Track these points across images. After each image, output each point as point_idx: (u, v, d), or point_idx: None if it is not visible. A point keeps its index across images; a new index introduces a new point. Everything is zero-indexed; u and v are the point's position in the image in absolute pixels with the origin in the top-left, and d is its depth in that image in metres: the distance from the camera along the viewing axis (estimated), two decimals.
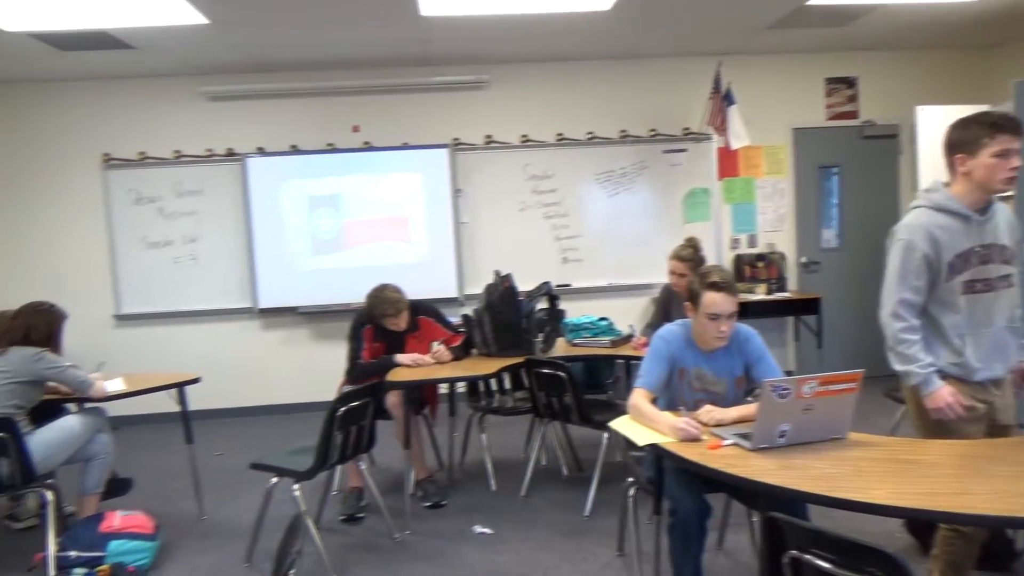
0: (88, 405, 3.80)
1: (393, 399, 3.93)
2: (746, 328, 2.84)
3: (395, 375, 3.87)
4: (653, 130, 6.42)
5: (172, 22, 4.66)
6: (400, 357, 4.03)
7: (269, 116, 6.23)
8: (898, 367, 2.53)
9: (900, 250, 2.50)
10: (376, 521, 3.86)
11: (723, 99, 5.80)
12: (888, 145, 6.61)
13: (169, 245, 6.22)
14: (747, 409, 2.62)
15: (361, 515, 3.94)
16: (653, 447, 2.46)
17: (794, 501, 2.21)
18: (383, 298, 3.98)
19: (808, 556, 1.71)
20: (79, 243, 6.19)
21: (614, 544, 3.42)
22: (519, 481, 4.24)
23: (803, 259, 6.65)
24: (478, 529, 3.72)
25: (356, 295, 5.95)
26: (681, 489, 2.53)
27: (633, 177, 6.46)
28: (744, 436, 2.36)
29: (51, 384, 3.59)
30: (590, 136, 6.39)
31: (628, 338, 4.37)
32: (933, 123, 5.68)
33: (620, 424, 2.69)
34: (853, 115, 6.60)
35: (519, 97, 6.37)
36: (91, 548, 3.31)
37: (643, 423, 2.62)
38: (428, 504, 4.04)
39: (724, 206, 6.54)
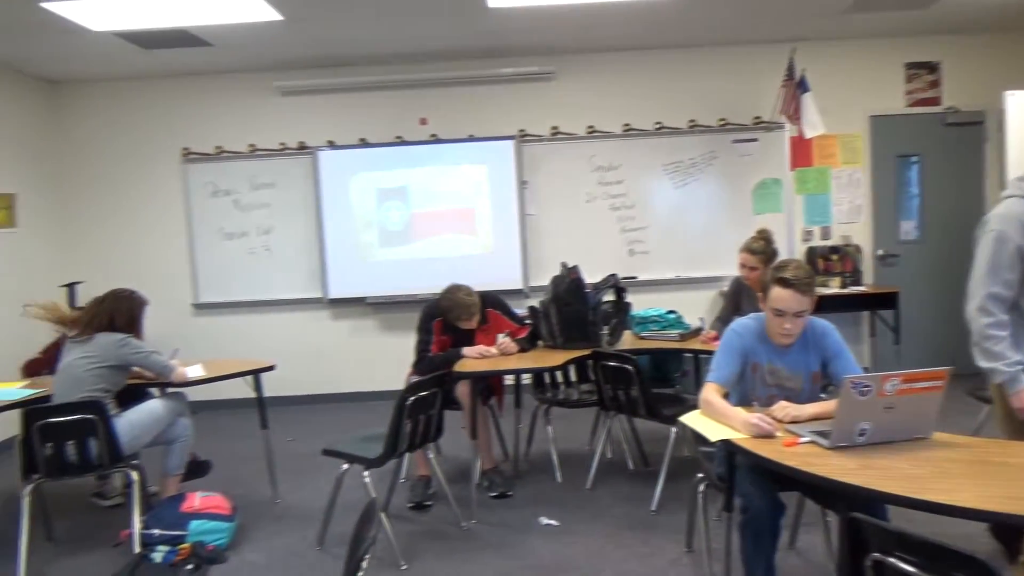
0: (170, 390, 3.96)
1: (462, 389, 3.97)
2: (822, 322, 2.76)
3: (463, 366, 3.90)
4: (723, 119, 6.28)
5: (248, 19, 4.79)
6: (467, 350, 4.06)
7: (339, 110, 6.35)
8: (983, 364, 2.42)
9: (991, 241, 2.39)
10: (443, 509, 3.91)
11: (797, 87, 5.62)
12: (973, 133, 6.30)
13: (244, 236, 6.42)
14: (824, 406, 2.55)
15: (428, 503, 3.99)
16: (725, 443, 2.42)
17: (874, 502, 2.14)
18: (457, 301, 4.01)
19: (892, 559, 1.65)
20: (161, 234, 6.45)
21: (682, 540, 3.38)
22: (584, 474, 4.23)
23: (880, 252, 6.42)
24: (544, 520, 3.72)
25: (423, 286, 6.09)
26: (754, 486, 2.48)
27: (702, 168, 6.34)
28: (821, 434, 2.29)
29: (135, 369, 3.75)
30: (658, 126, 6.30)
31: (697, 331, 4.30)
32: (1022, 109, 5.41)
33: (691, 419, 2.65)
34: (935, 101, 6.32)
35: (586, 88, 6.33)
36: (173, 527, 3.45)
37: (715, 418, 2.58)
38: (494, 494, 4.06)
39: (796, 197, 6.35)
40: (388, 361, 6.19)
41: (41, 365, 3.82)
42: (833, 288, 6.02)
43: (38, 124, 6.19)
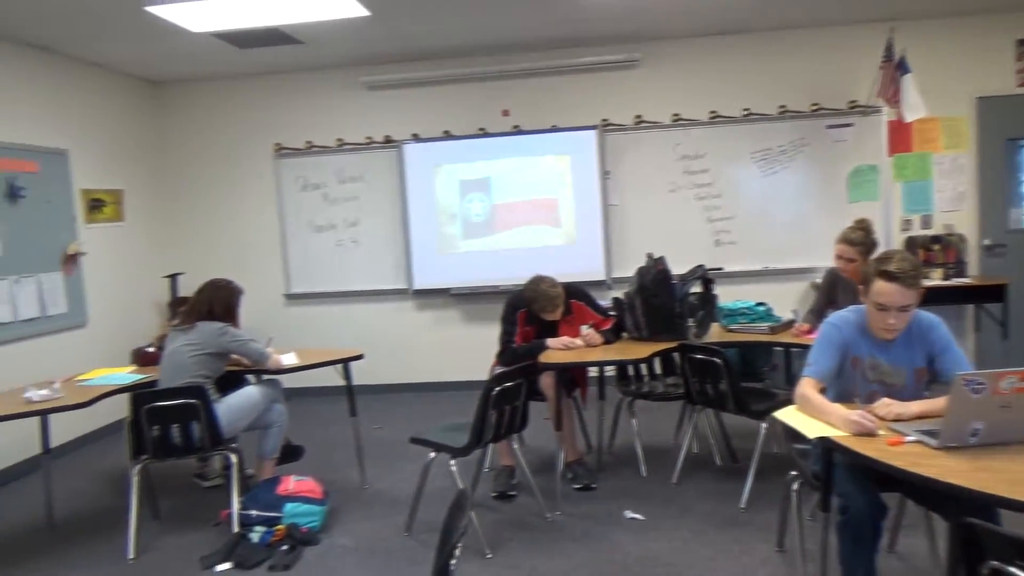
0: (265, 377, 4.11)
1: (547, 380, 3.97)
2: (929, 316, 2.62)
3: (547, 357, 3.89)
4: (815, 104, 6.04)
5: (337, 16, 4.90)
6: (551, 341, 4.05)
7: (424, 103, 6.43)
8: None
9: None
10: (527, 500, 3.92)
11: (896, 68, 5.35)
12: None
13: (332, 229, 6.59)
14: (930, 404, 2.41)
15: (513, 493, 4.01)
16: (823, 440, 2.33)
17: (988, 506, 2.02)
18: (540, 293, 4.00)
19: (1013, 569, 1.55)
20: (255, 227, 6.70)
21: (773, 539, 3.29)
22: (669, 468, 4.17)
23: (986, 241, 6.05)
24: (629, 514, 3.69)
25: (505, 277, 6.12)
26: (854, 486, 2.38)
27: (792, 155, 6.12)
28: (929, 433, 2.18)
29: (233, 356, 3.91)
30: (746, 113, 6.12)
31: (789, 324, 4.16)
32: None
33: (786, 415, 2.57)
34: None
35: (671, 75, 6.20)
36: (269, 508, 3.59)
37: (812, 414, 2.48)
38: (578, 486, 4.05)
39: (894, 184, 6.05)
40: (471, 351, 6.29)
41: (154, 359, 4.06)
42: (935, 280, 5.71)
43: (142, 123, 6.51)
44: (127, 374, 4.09)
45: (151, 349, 4.36)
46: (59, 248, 5.36)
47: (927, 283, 5.59)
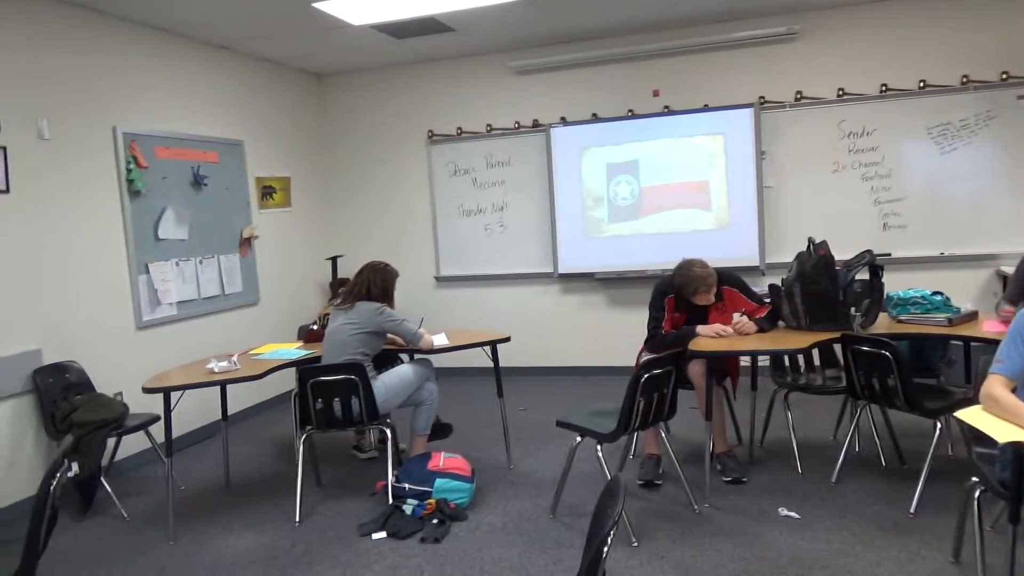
0: (418, 356, 4.27)
1: (696, 369, 3.85)
2: None
3: (697, 344, 3.77)
4: (1005, 73, 5.43)
5: (489, 2, 4.95)
6: (701, 328, 3.91)
7: (571, 86, 6.39)
8: None
9: None
10: (674, 490, 3.84)
11: None
12: None
13: (480, 213, 6.73)
14: None
15: (659, 482, 3.94)
16: (1015, 445, 2.10)
17: None
18: (692, 276, 3.87)
19: None
20: (408, 211, 6.96)
21: (947, 549, 3.02)
22: (827, 466, 3.93)
23: None
24: (784, 512, 3.51)
25: (652, 262, 6.00)
26: None
27: (975, 130, 5.54)
28: None
29: (389, 336, 4.08)
30: (922, 84, 5.60)
31: (972, 315, 3.79)
32: None
33: (970, 415, 2.34)
34: None
35: (835, 46, 5.78)
36: (421, 483, 3.73)
37: (1002, 416, 2.25)
38: (728, 479, 3.91)
39: None
40: (615, 337, 6.24)
41: (318, 336, 4.33)
42: None
43: (307, 114, 6.93)
44: (294, 349, 4.37)
45: (315, 327, 4.64)
46: (236, 232, 5.83)
47: None
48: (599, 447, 3.44)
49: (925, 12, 5.57)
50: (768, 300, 4.06)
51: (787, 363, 4.39)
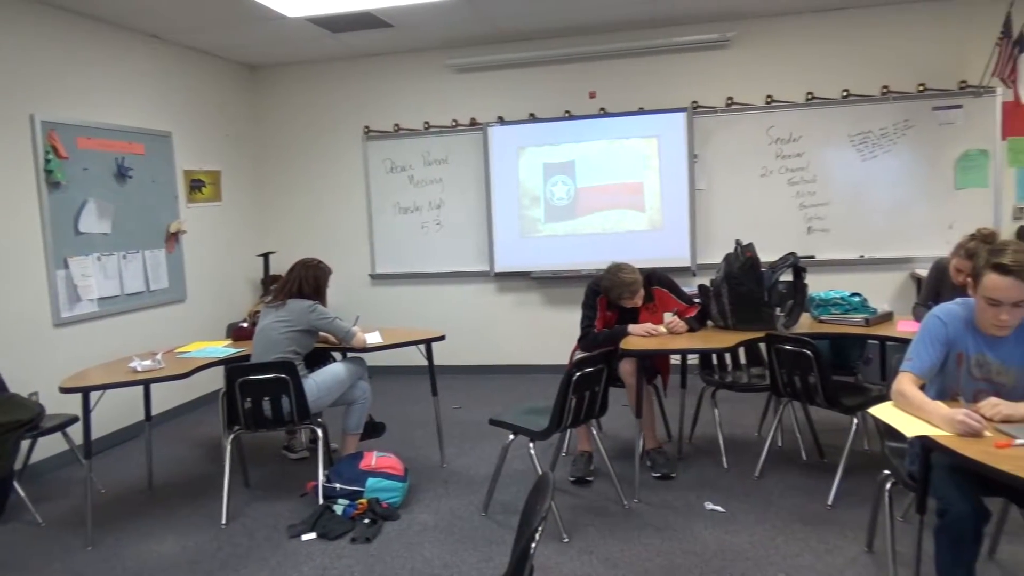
0: (351, 354, 4.22)
1: (626, 367, 3.91)
2: None
3: (628, 343, 3.84)
4: (921, 85, 5.70)
5: None
6: (633, 328, 3.99)
7: (509, 85, 6.41)
8: None
9: None
10: (604, 486, 3.89)
11: (1014, 45, 4.99)
12: None
13: (417, 211, 6.69)
14: None
15: (590, 479, 3.99)
16: (922, 440, 2.21)
17: None
18: (617, 281, 3.95)
19: None
20: (344, 208, 6.86)
21: (862, 539, 3.16)
22: (752, 461, 4.06)
23: None
24: (709, 506, 3.61)
25: (588, 262, 6.07)
26: (954, 489, 2.24)
27: (894, 138, 5.80)
28: None
29: (321, 334, 4.03)
30: (845, 94, 5.83)
31: (888, 316, 3.96)
32: None
33: (882, 411, 2.45)
34: None
35: (765, 55, 5.97)
36: (353, 482, 3.69)
37: (911, 412, 2.36)
38: (657, 475, 3.99)
39: (1007, 170, 5.66)
40: (551, 335, 6.29)
41: (248, 334, 4.23)
42: None
43: (239, 106, 6.76)
44: (223, 348, 4.27)
45: (245, 324, 4.54)
46: (163, 226, 5.64)
47: None
48: (531, 445, 3.47)
49: (847, 25, 5.80)
50: (697, 300, 4.17)
51: (715, 362, 4.51)
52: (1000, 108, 5.48)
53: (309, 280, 3.95)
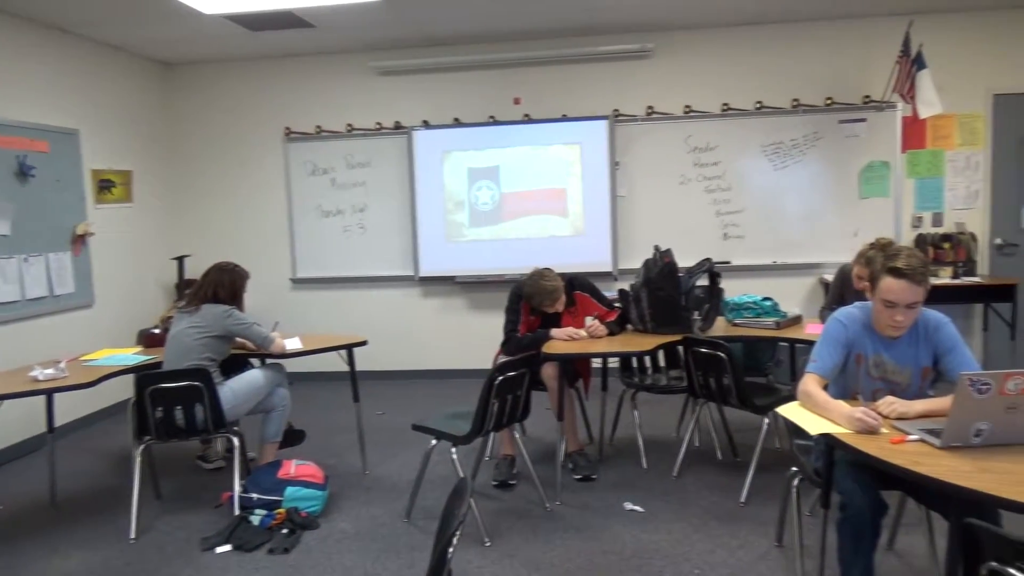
0: (269, 361, 4.12)
1: (549, 371, 3.96)
2: (937, 315, 2.59)
3: (550, 348, 3.89)
4: (829, 99, 5.98)
5: (348, 0, 4.87)
6: (555, 332, 4.04)
7: (434, 90, 6.40)
8: None
9: None
10: (527, 489, 3.92)
11: (912, 63, 5.29)
12: None
13: (340, 214, 6.59)
14: (934, 403, 2.40)
15: (513, 482, 4.02)
16: (825, 437, 2.31)
17: (989, 507, 2.00)
18: (539, 288, 3.99)
19: (1012, 570, 1.54)
20: (263, 210, 6.70)
21: (772, 534, 3.28)
22: (670, 461, 4.16)
23: (998, 240, 5.99)
24: (628, 506, 3.69)
25: (512, 266, 6.10)
26: (854, 484, 2.36)
27: (804, 149, 6.06)
28: (932, 432, 2.16)
29: (239, 340, 3.92)
30: (758, 106, 6.06)
31: (796, 319, 4.14)
32: None
33: (788, 411, 2.55)
34: None
35: (683, 66, 6.14)
36: (270, 492, 3.60)
37: (814, 411, 2.47)
38: (578, 477, 4.05)
39: (907, 181, 6.00)
40: (476, 340, 6.29)
41: (160, 341, 4.07)
42: (944, 278, 5.66)
43: (153, 104, 6.52)
44: (132, 355, 4.10)
45: (157, 331, 4.38)
46: (68, 228, 5.38)
47: (937, 281, 5.59)
48: (453, 450, 3.46)
49: (761, 39, 6.03)
50: (618, 304, 4.26)
51: (635, 364, 4.61)
52: (900, 122, 5.80)
53: (225, 284, 3.84)
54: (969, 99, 5.86)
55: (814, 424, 2.38)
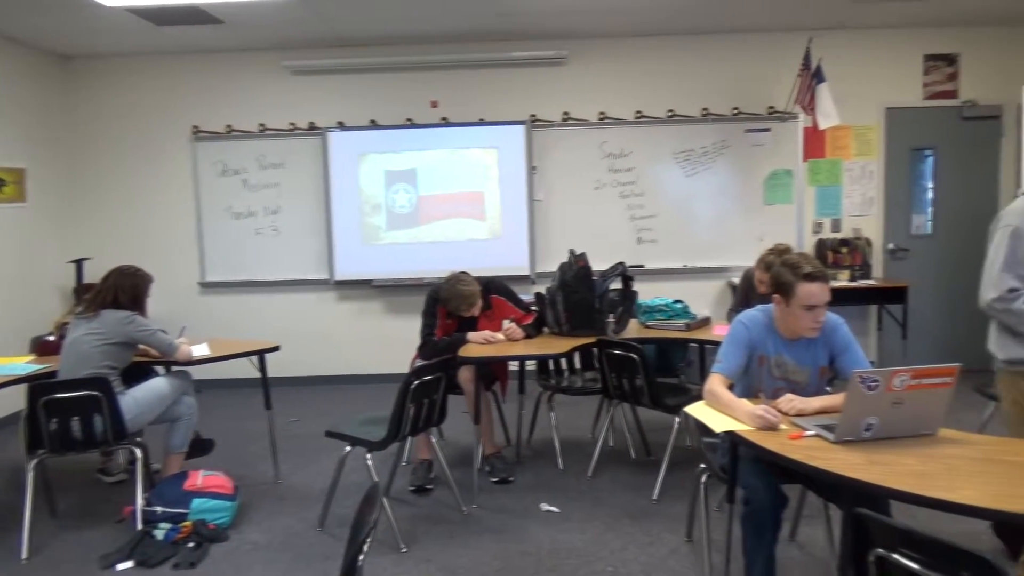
0: (175, 368, 3.97)
1: (465, 374, 3.96)
2: (833, 316, 2.73)
3: (467, 351, 3.89)
4: (736, 109, 6.22)
5: None
6: (472, 335, 4.05)
7: (350, 91, 6.31)
8: None
9: (1008, 236, 2.36)
10: (444, 494, 3.91)
11: (812, 77, 5.56)
12: (989, 127, 6.22)
13: (252, 216, 6.41)
14: (830, 400, 2.53)
15: (430, 487, 4.00)
16: (729, 434, 2.40)
17: (878, 498, 2.12)
18: (455, 292, 4.00)
19: (896, 556, 1.64)
20: (169, 212, 6.44)
21: (682, 530, 3.38)
22: (586, 462, 4.23)
23: (890, 245, 6.36)
24: (544, 507, 3.72)
25: (429, 270, 6.07)
26: (757, 478, 2.47)
27: (713, 157, 6.28)
28: (827, 428, 2.27)
29: (142, 347, 3.75)
30: (670, 114, 6.24)
31: (705, 321, 4.27)
32: None
33: (695, 410, 2.64)
34: (952, 94, 6.24)
35: (598, 73, 6.27)
36: (175, 504, 3.47)
37: (719, 409, 2.56)
38: (495, 480, 4.06)
39: (808, 188, 6.31)
40: (393, 344, 6.22)
41: (55, 348, 3.86)
42: (842, 281, 5.97)
43: (49, 99, 6.17)
44: (24, 364, 3.87)
45: (52, 338, 4.15)
46: None
47: (835, 284, 5.84)
48: (368, 455, 3.42)
49: (673, 49, 6.22)
50: (534, 308, 4.30)
51: (552, 367, 4.66)
52: (802, 133, 6.07)
53: (126, 289, 3.67)
54: (864, 112, 6.20)
55: (719, 422, 2.47)
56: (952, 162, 6.29)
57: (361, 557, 1.71)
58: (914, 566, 1.60)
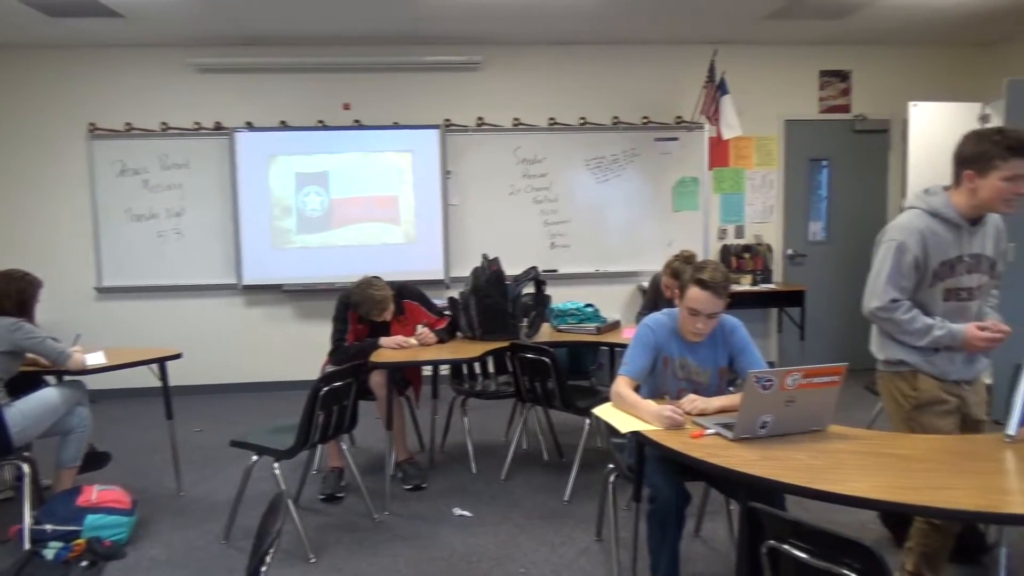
0: (67, 378, 3.76)
1: (377, 379, 3.91)
2: (731, 319, 2.84)
3: (379, 356, 3.85)
4: (645, 118, 6.39)
5: None
6: (384, 340, 4.01)
7: (259, 91, 6.15)
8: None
9: (893, 251, 2.50)
10: (356, 501, 3.85)
11: (717, 88, 5.78)
12: (879, 140, 6.62)
13: (154, 218, 6.15)
14: (730, 399, 2.63)
15: (341, 495, 3.93)
16: (635, 434, 2.47)
17: (773, 491, 2.22)
18: (367, 297, 3.96)
19: (786, 546, 1.72)
20: (62, 213, 6.10)
21: (592, 529, 3.44)
22: (500, 465, 4.25)
23: (789, 251, 6.68)
24: (457, 511, 3.72)
25: (341, 274, 5.98)
26: (661, 477, 2.54)
27: (623, 164, 6.44)
28: (726, 426, 2.36)
29: (30, 356, 3.55)
30: (582, 121, 6.36)
31: (615, 325, 4.37)
32: (925, 119, 5.73)
33: (603, 411, 2.69)
34: (845, 109, 6.61)
35: (512, 80, 6.33)
36: (67, 522, 3.28)
37: (626, 410, 2.62)
38: (408, 486, 4.03)
39: (713, 196, 6.54)
40: (304, 350, 6.09)
41: None
42: (744, 285, 6.23)
43: None
44: None
45: None
46: None
47: (738, 288, 6.11)
48: (276, 465, 3.33)
49: (584, 58, 6.34)
50: (447, 312, 4.29)
51: (465, 371, 4.66)
52: (707, 142, 6.30)
53: (11, 294, 3.46)
54: (764, 123, 6.49)
55: (626, 423, 2.53)
56: (845, 173, 6.66)
57: (264, 568, 1.67)
58: (802, 556, 1.68)
